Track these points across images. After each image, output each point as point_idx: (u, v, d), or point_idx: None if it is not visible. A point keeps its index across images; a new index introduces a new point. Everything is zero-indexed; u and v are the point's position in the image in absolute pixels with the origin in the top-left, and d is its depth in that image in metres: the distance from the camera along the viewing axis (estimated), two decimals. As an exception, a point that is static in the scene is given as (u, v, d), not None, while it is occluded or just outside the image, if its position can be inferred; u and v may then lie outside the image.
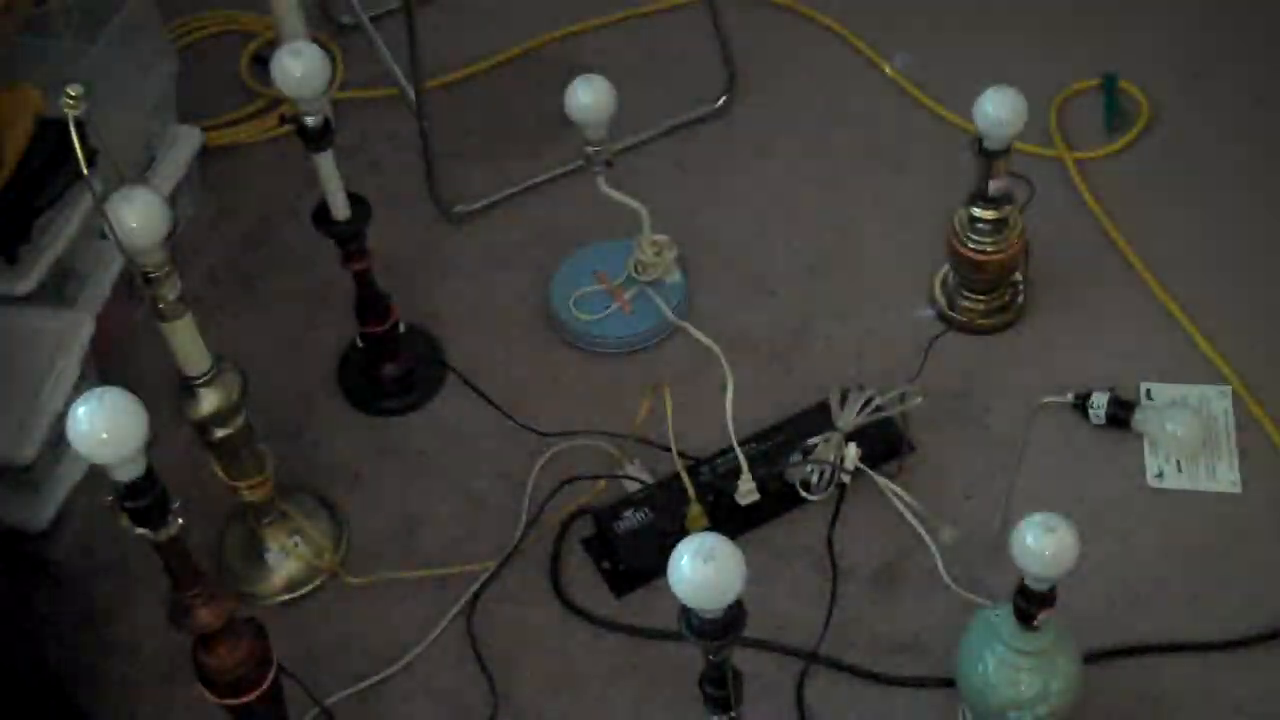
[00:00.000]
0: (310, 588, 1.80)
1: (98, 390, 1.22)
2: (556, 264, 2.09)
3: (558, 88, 1.84)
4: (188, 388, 1.61)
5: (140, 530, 1.28)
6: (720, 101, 2.30)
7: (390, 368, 1.97)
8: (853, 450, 1.80)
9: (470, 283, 2.12)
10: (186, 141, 2.17)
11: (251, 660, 1.44)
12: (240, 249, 2.19)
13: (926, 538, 1.77)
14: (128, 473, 1.25)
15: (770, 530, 1.81)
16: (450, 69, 2.39)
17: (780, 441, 1.84)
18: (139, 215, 1.44)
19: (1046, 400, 1.89)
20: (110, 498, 1.28)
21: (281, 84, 1.65)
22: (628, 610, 1.76)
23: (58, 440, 1.78)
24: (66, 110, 1.33)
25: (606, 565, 1.79)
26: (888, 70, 2.31)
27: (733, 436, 1.79)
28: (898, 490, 1.80)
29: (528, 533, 1.83)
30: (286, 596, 1.79)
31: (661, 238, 2.02)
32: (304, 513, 1.82)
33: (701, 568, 1.20)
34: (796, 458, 1.81)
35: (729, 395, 1.79)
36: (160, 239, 1.47)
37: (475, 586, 1.79)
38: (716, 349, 1.91)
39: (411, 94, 2.16)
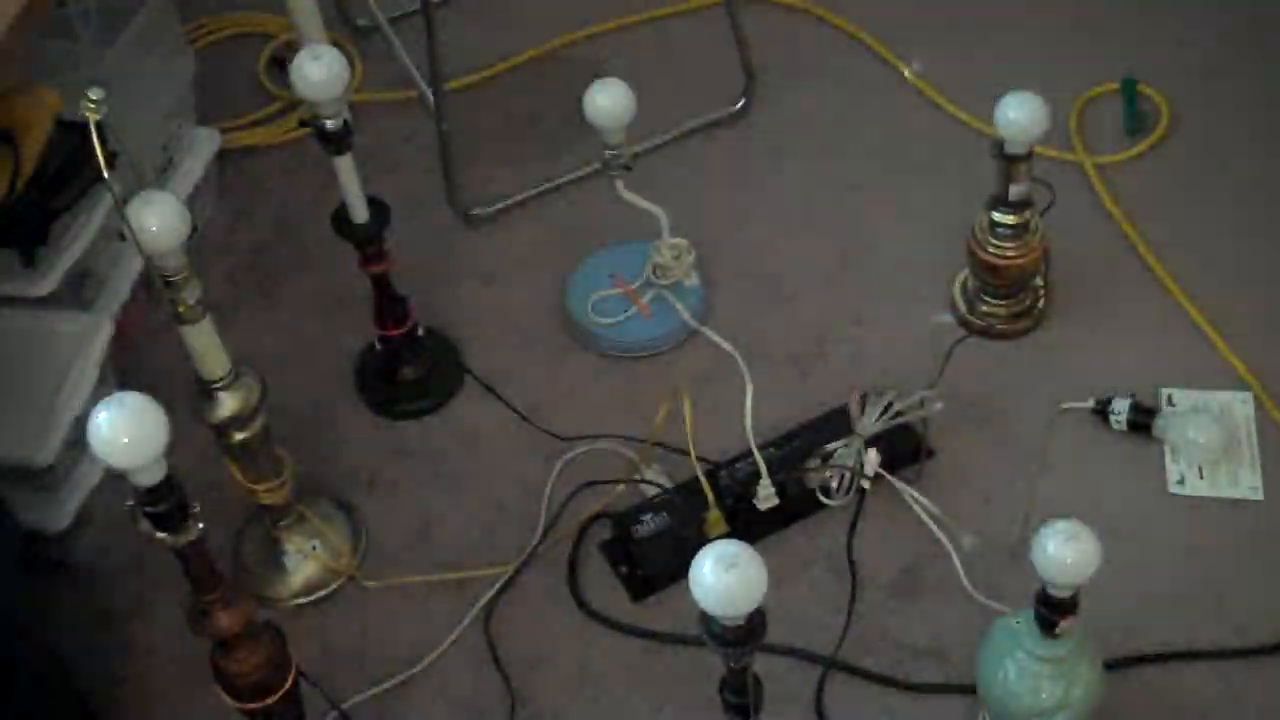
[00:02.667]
0: (328, 591, 1.80)
1: (119, 395, 1.22)
2: (574, 267, 2.09)
3: (576, 90, 1.84)
4: (206, 391, 1.61)
5: (160, 535, 1.28)
6: (739, 104, 2.30)
7: (408, 371, 1.97)
8: (872, 455, 1.79)
9: (488, 286, 2.11)
10: (205, 144, 2.18)
11: (270, 664, 1.44)
12: (258, 251, 2.19)
13: (947, 544, 1.76)
14: (148, 477, 1.25)
15: (789, 535, 1.81)
16: (468, 71, 2.38)
17: (799, 446, 1.84)
18: (158, 219, 1.44)
19: (1067, 406, 1.88)
20: (130, 502, 1.28)
21: (300, 88, 1.65)
22: (646, 615, 1.76)
23: (76, 442, 1.78)
24: (87, 114, 1.33)
25: (624, 569, 1.79)
26: (907, 74, 2.31)
27: (751, 441, 1.79)
28: (918, 496, 1.79)
29: (545, 537, 1.82)
30: (304, 600, 1.79)
31: (680, 241, 2.02)
32: (322, 516, 1.81)
33: (724, 575, 1.20)
34: (816, 463, 1.81)
35: (748, 399, 1.79)
36: (179, 242, 1.47)
37: (493, 590, 1.78)
38: (735, 353, 1.91)
39: (430, 96, 2.16)
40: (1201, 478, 1.81)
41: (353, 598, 1.80)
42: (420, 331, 1.96)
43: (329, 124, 1.68)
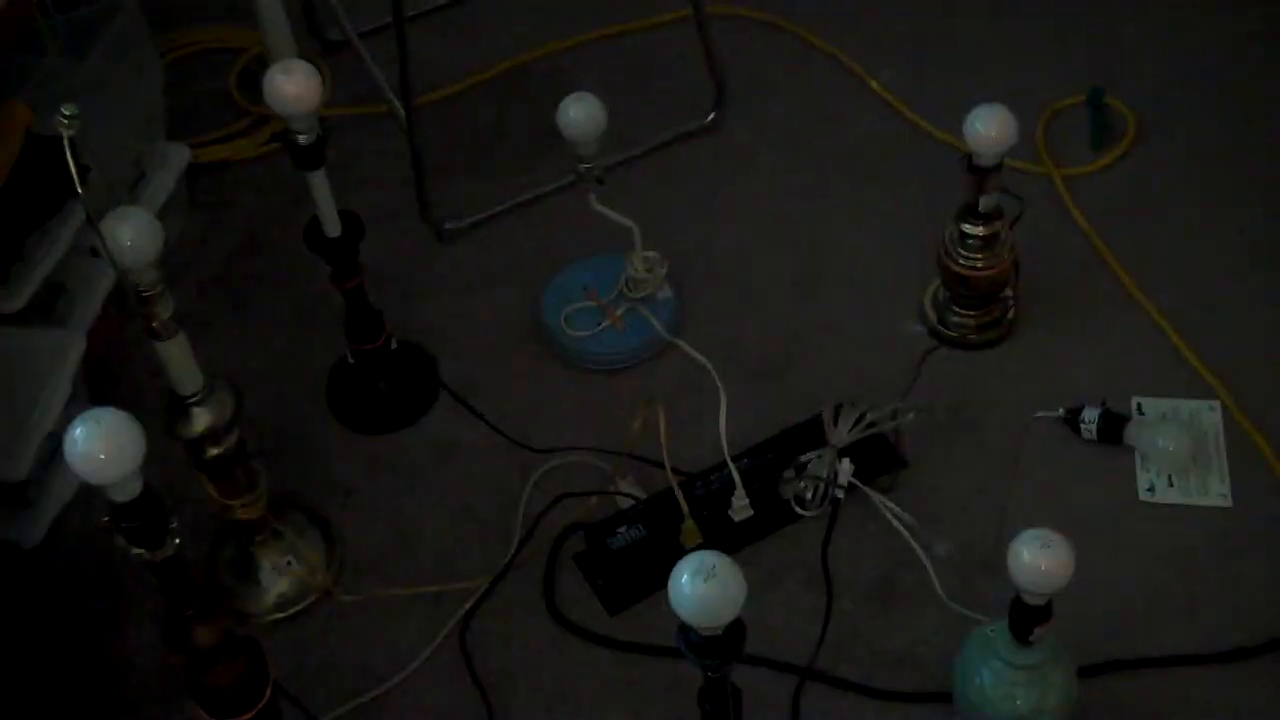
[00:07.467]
0: (304, 605, 1.79)
1: (95, 411, 1.22)
2: (548, 280, 2.09)
3: (548, 104, 1.85)
4: (180, 406, 1.60)
5: (136, 550, 1.28)
6: (710, 117, 2.31)
7: (382, 385, 1.97)
8: (846, 466, 1.80)
9: (462, 299, 2.12)
10: (175, 158, 2.16)
11: (247, 679, 1.44)
12: (230, 266, 2.18)
13: (921, 553, 1.77)
14: (124, 493, 1.25)
15: (764, 546, 1.81)
16: (440, 85, 2.39)
17: (773, 457, 1.85)
18: (133, 233, 1.44)
19: (1038, 415, 1.89)
20: (105, 518, 1.27)
21: (273, 103, 1.65)
22: (622, 627, 1.76)
23: (50, 458, 1.78)
24: (61, 129, 1.33)
25: (600, 582, 1.79)
26: (874, 85, 2.32)
27: (726, 452, 1.79)
28: (891, 506, 1.80)
29: (521, 549, 1.83)
30: (280, 614, 1.79)
31: (652, 254, 2.02)
32: (297, 530, 1.81)
33: (702, 585, 1.20)
34: (790, 473, 1.82)
35: (722, 411, 1.79)
36: (153, 257, 1.47)
37: (469, 603, 1.78)
38: (708, 365, 1.91)
39: (401, 110, 2.16)
40: (1171, 485, 1.83)
41: (328, 612, 1.80)
42: (394, 345, 1.96)
43: (301, 139, 1.68)
